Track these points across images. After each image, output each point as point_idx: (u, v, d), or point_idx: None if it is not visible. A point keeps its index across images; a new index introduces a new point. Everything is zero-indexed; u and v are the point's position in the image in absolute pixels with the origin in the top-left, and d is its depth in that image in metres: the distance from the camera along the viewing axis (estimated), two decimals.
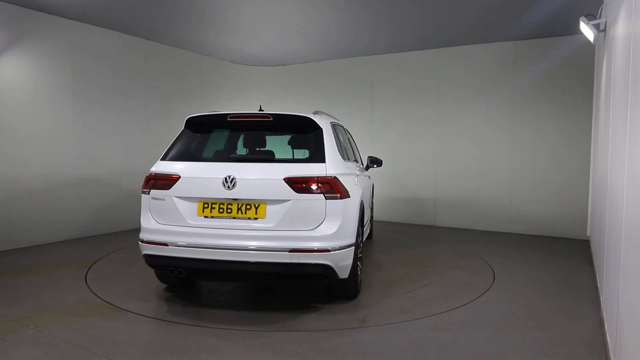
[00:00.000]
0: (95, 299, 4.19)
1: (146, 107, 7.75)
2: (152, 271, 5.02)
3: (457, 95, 8.09)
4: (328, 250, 3.62)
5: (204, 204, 3.82)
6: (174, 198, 3.87)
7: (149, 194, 3.96)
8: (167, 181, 3.92)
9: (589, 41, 5.10)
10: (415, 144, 8.50)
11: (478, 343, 3.29)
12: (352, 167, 4.57)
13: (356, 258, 4.00)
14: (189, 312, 3.90)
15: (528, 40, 7.40)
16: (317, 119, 4.11)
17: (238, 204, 3.77)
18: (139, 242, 3.95)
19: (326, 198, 3.66)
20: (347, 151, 4.84)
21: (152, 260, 3.94)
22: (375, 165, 6.01)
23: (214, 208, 3.80)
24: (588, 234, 6.98)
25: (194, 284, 4.65)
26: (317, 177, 3.68)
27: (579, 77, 7.04)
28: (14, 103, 6.07)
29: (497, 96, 7.74)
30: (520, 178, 7.61)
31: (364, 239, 5.33)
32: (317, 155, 3.87)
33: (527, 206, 7.59)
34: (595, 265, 5.12)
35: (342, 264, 3.77)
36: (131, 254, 5.68)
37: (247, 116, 4.14)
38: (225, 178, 3.74)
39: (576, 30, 5.69)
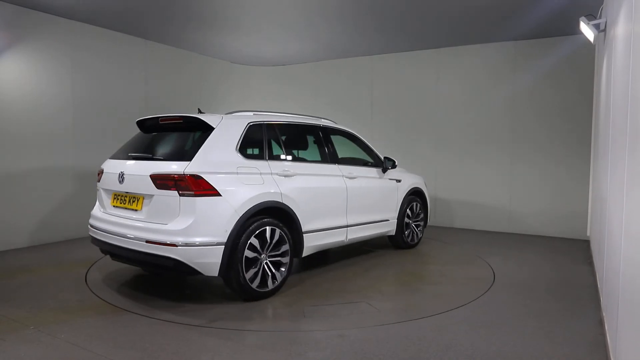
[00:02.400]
0: (95, 299, 4.19)
1: (146, 106, 7.75)
2: (151, 271, 5.04)
3: (457, 95, 8.09)
4: (175, 245, 3.75)
5: (114, 195, 4.38)
6: (101, 189, 4.58)
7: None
8: (100, 175, 4.62)
9: (589, 41, 5.10)
10: (415, 144, 8.50)
11: (478, 343, 3.29)
12: (268, 166, 4.35)
13: (236, 259, 3.93)
14: (189, 312, 3.91)
15: (528, 40, 7.40)
16: (209, 119, 4.20)
17: (129, 197, 4.21)
18: None
19: (180, 195, 3.81)
20: (287, 151, 4.72)
21: (91, 239, 4.57)
22: (390, 167, 5.96)
23: (117, 199, 4.34)
24: (588, 234, 6.98)
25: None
26: (172, 174, 3.84)
27: (579, 77, 7.04)
28: (14, 103, 6.07)
29: (497, 96, 7.74)
30: (520, 178, 7.62)
31: (331, 243, 5.03)
32: (188, 154, 4.00)
33: (527, 206, 7.59)
34: (595, 265, 5.12)
35: (201, 260, 3.82)
36: None
37: (169, 119, 4.40)
38: (119, 173, 4.24)
39: (576, 30, 5.69)
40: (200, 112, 4.54)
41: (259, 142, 4.50)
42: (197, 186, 3.80)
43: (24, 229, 6.27)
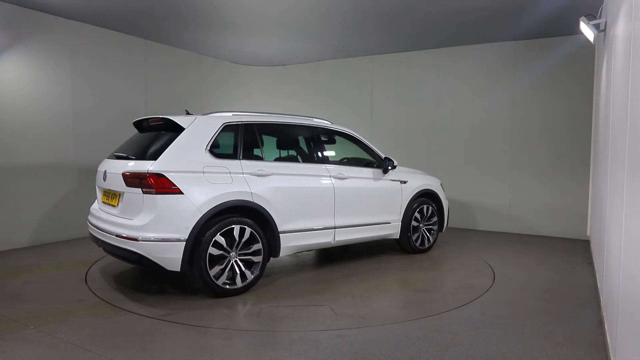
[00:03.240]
0: (95, 299, 4.19)
1: (146, 107, 7.75)
2: (152, 271, 5.05)
3: (457, 95, 8.09)
4: (137, 240, 3.95)
5: (104, 192, 4.65)
6: (96, 186, 4.85)
7: None
8: (96, 173, 4.85)
9: (589, 41, 5.10)
10: (415, 144, 8.50)
11: (478, 343, 3.29)
12: (240, 166, 4.42)
13: (199, 256, 4.05)
14: (189, 312, 3.91)
15: (528, 40, 7.40)
16: (181, 120, 4.41)
17: (111, 194, 4.49)
18: None
19: (143, 192, 4.02)
20: (264, 151, 4.73)
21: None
22: (389, 167, 5.71)
23: (105, 196, 4.62)
24: (588, 234, 6.98)
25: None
26: (138, 172, 4.07)
27: (579, 77, 7.04)
28: (14, 103, 6.07)
29: (497, 96, 7.74)
30: (521, 177, 7.61)
31: (312, 244, 4.95)
32: (155, 153, 4.18)
33: (527, 206, 7.59)
34: (595, 265, 5.13)
35: (162, 255, 3.98)
36: None
37: (153, 120, 4.66)
38: (104, 172, 4.55)
39: (576, 30, 5.69)
40: (188, 113, 4.71)
41: (233, 142, 4.56)
42: (159, 184, 3.98)
43: (24, 229, 6.27)
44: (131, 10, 6.22)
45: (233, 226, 4.24)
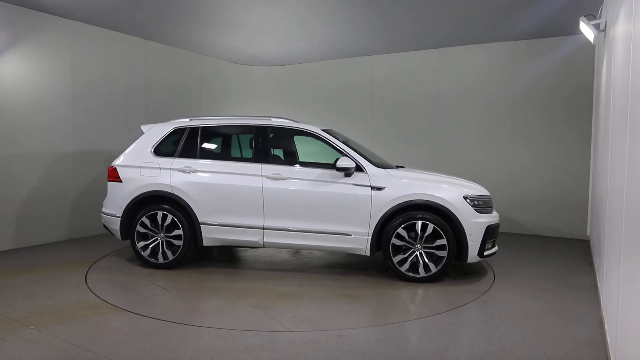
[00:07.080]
0: (95, 299, 4.20)
1: (146, 107, 7.75)
2: (152, 271, 5.07)
3: (457, 95, 8.08)
4: (102, 213, 5.54)
5: None
6: None
7: None
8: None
9: (589, 41, 5.11)
10: (414, 144, 8.49)
11: (478, 343, 3.29)
12: (171, 163, 5.26)
13: (131, 231, 5.24)
14: (189, 312, 3.91)
15: (528, 40, 7.40)
16: (144, 127, 5.61)
17: None
18: None
19: (107, 179, 5.52)
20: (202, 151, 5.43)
21: None
22: (341, 170, 4.86)
23: None
24: (588, 234, 6.98)
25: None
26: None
27: (579, 77, 7.04)
28: (14, 104, 6.07)
29: (497, 96, 7.74)
30: (520, 178, 7.62)
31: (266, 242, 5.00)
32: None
33: (527, 206, 7.59)
34: (595, 265, 5.13)
35: (111, 226, 5.40)
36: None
37: None
38: None
39: (576, 30, 5.69)
40: (191, 120, 5.57)
41: (176, 143, 5.41)
42: (111, 174, 5.41)
43: (25, 229, 6.26)
44: (131, 10, 6.22)
45: (157, 212, 5.18)
